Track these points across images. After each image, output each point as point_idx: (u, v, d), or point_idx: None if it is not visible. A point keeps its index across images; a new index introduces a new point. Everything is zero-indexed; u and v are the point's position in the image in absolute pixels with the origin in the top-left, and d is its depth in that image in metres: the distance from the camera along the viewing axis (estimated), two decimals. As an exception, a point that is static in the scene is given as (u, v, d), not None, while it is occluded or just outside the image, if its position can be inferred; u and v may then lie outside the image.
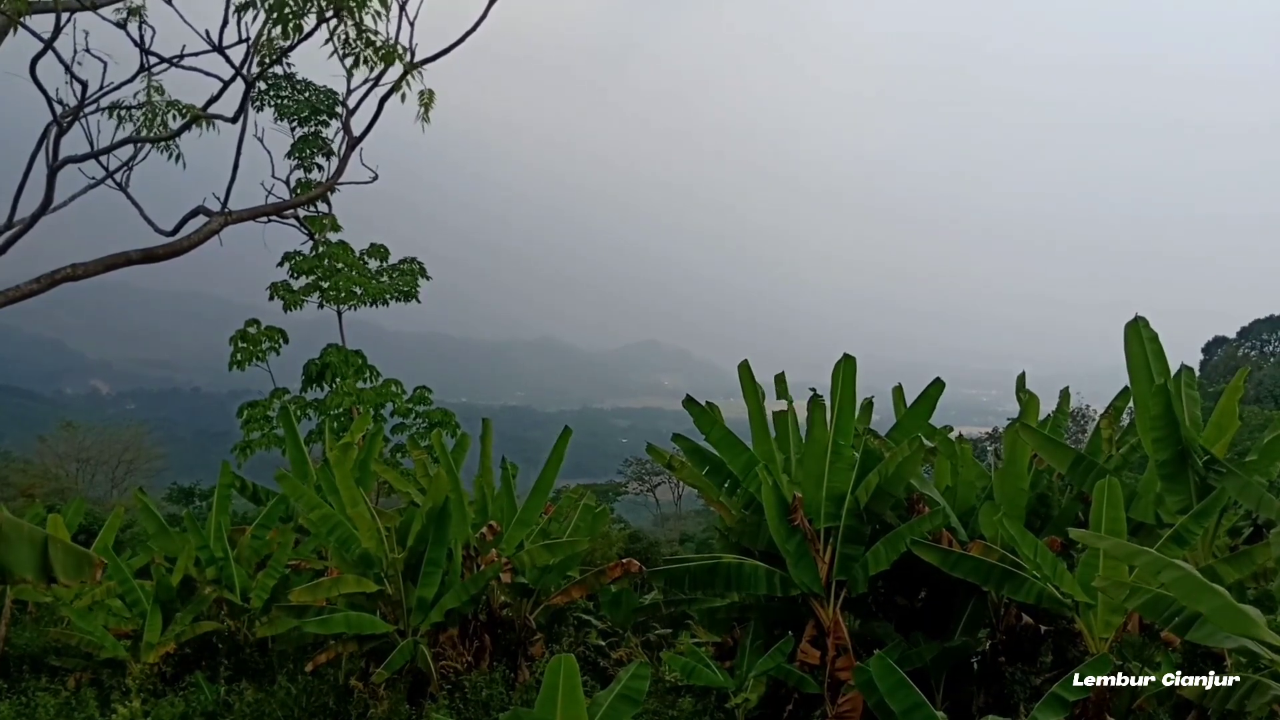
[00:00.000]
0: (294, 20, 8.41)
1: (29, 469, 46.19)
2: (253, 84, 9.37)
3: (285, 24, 8.41)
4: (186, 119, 9.44)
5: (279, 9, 8.30)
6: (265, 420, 22.88)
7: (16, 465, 47.16)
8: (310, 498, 13.46)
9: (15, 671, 14.68)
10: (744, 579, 11.43)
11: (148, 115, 9.40)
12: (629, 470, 66.76)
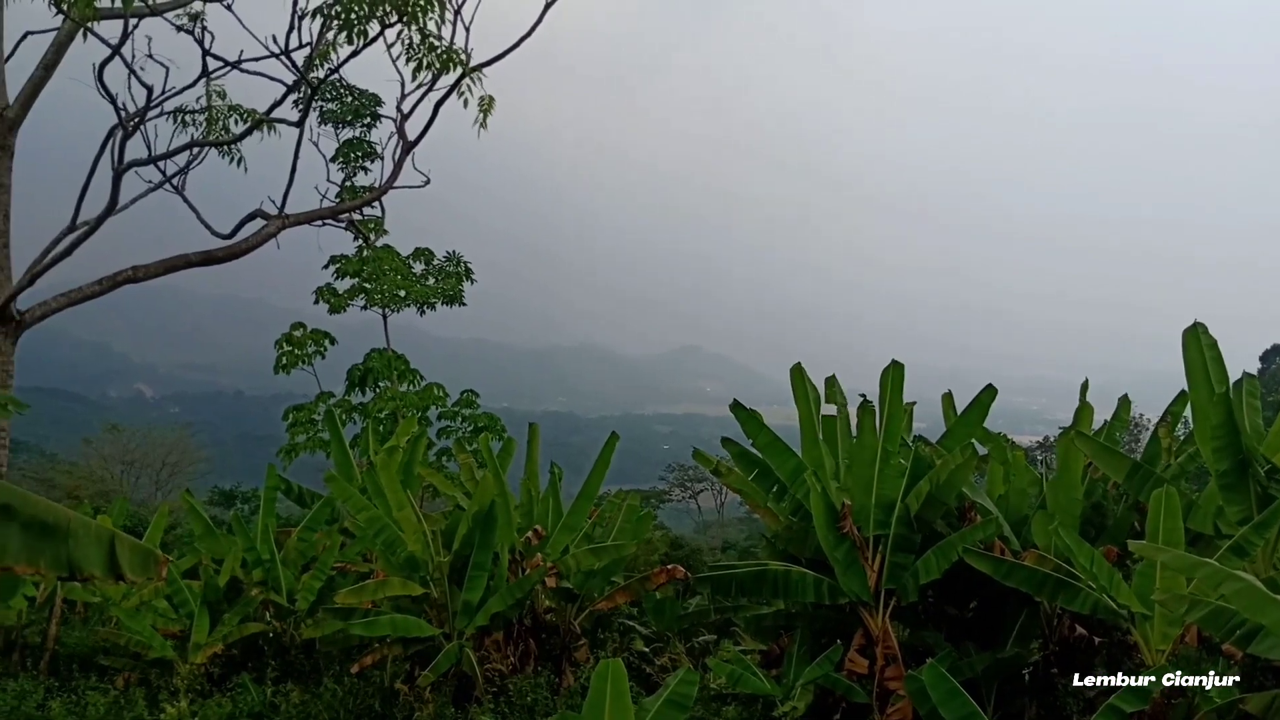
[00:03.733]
0: (359, 26, 8.48)
1: (75, 471, 47.02)
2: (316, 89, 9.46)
3: (350, 30, 8.48)
4: (250, 123, 9.55)
5: (345, 15, 8.37)
6: (310, 424, 23.13)
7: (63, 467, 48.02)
8: (357, 500, 13.55)
9: (65, 670, 14.89)
10: (791, 586, 11.33)
11: (210, 119, 9.54)
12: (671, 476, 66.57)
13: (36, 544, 5.00)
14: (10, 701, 12.14)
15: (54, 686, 13.68)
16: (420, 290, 24.46)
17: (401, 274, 24.47)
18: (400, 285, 24.22)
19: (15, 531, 4.96)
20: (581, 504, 14.67)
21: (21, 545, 4.96)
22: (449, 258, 25.42)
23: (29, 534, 4.99)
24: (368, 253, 24.16)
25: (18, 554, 4.95)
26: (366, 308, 24.60)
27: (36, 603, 16.28)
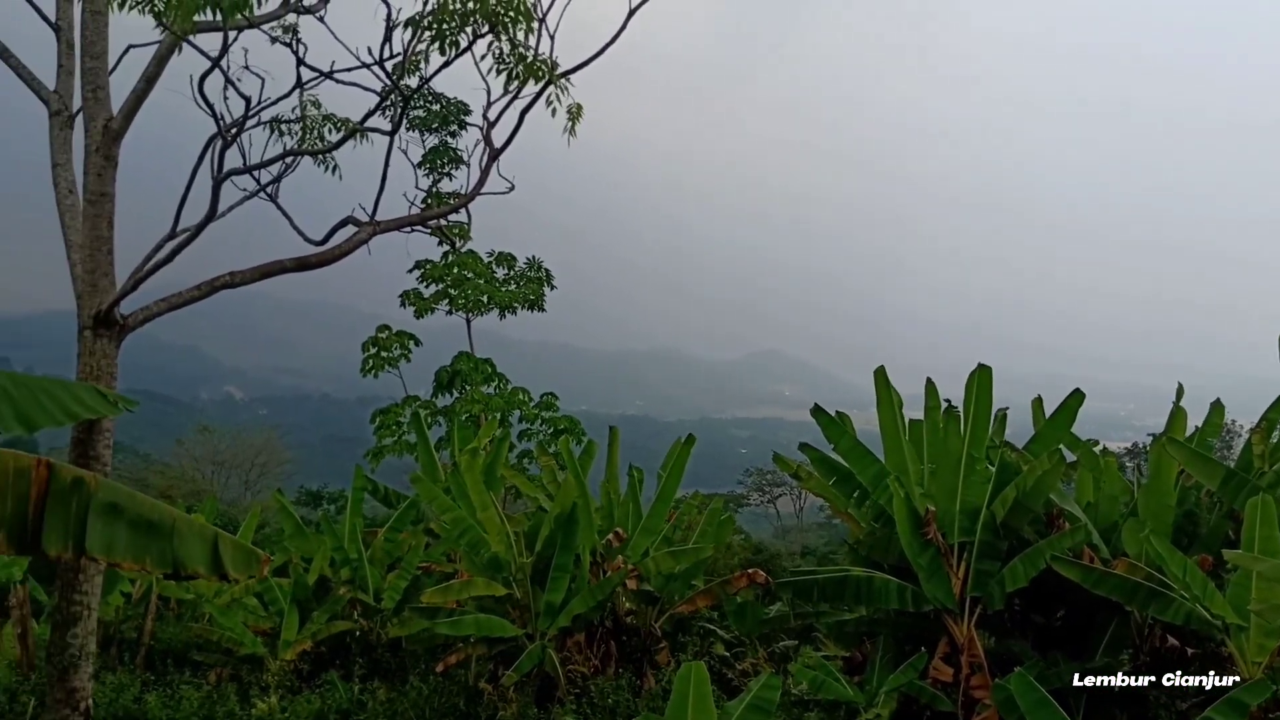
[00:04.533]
0: (450, 37, 8.65)
1: (167, 471, 48.51)
2: (410, 99, 9.66)
3: (443, 40, 8.66)
4: (345, 132, 9.81)
5: (438, 27, 8.55)
6: (396, 426, 23.56)
7: (156, 468, 49.61)
8: (442, 501, 13.78)
9: (160, 665, 15.38)
10: (874, 593, 11.19)
11: (305, 129, 9.81)
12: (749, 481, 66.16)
13: (143, 541, 5.19)
14: (109, 694, 12.58)
15: (150, 680, 14.14)
16: (502, 295, 24.80)
17: (485, 279, 24.85)
18: (483, 290, 24.58)
19: (123, 529, 5.16)
20: (660, 506, 14.69)
21: (129, 542, 5.15)
22: (530, 263, 25.71)
23: (136, 532, 5.19)
24: (452, 258, 24.59)
25: (125, 551, 5.15)
26: (451, 312, 25.02)
27: (133, 599, 16.86)
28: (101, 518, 5.08)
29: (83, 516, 5.04)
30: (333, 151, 9.89)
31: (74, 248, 8.64)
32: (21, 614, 14.68)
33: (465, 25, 8.65)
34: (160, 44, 8.94)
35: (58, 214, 8.86)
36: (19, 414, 5.33)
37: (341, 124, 10.03)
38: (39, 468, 5.02)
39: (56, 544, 4.97)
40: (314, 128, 9.93)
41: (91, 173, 8.69)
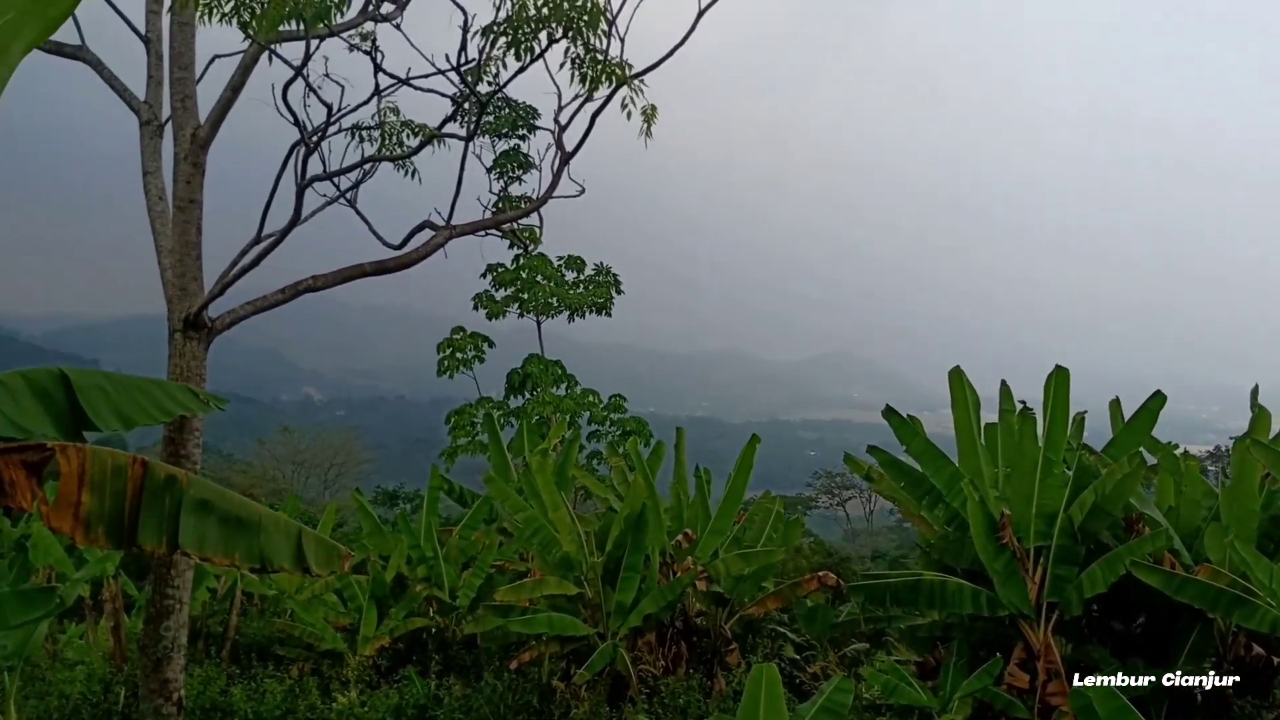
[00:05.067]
0: (526, 43, 8.81)
1: (249, 471, 49.72)
2: (486, 104, 9.84)
3: (518, 47, 8.82)
4: (423, 138, 10.03)
5: (513, 33, 8.71)
6: (470, 427, 23.93)
7: (239, 467, 50.87)
8: (515, 501, 13.97)
9: (245, 659, 15.80)
10: (948, 597, 11.07)
11: (384, 135, 10.05)
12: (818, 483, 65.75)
13: (232, 537, 5.38)
14: (197, 686, 12.95)
15: (234, 674, 14.52)
16: (571, 298, 25.07)
17: (554, 282, 25.17)
18: (552, 293, 24.90)
19: (213, 525, 5.35)
20: (728, 507, 14.70)
21: (219, 538, 5.34)
22: (599, 269, 25.95)
23: (225, 527, 5.38)
24: (522, 261, 24.93)
25: (215, 546, 5.34)
26: (522, 315, 25.37)
27: (218, 594, 17.35)
28: (193, 514, 5.27)
29: (175, 513, 5.23)
30: (411, 157, 10.10)
31: (164, 253, 8.96)
32: (114, 608, 15.22)
33: (540, 30, 8.80)
34: (245, 54, 9.23)
35: (148, 220, 9.21)
36: (118, 412, 5.56)
37: (419, 130, 10.25)
38: (134, 465, 5.22)
39: (151, 539, 5.17)
40: (393, 134, 10.15)
41: (180, 180, 9.01)
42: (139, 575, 18.11)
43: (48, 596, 4.60)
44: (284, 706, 12.72)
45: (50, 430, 5.45)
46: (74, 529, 5.06)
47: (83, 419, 5.54)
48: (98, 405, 5.52)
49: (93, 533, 5.09)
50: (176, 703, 8.41)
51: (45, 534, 15.43)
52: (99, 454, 5.16)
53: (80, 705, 12.60)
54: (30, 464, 4.95)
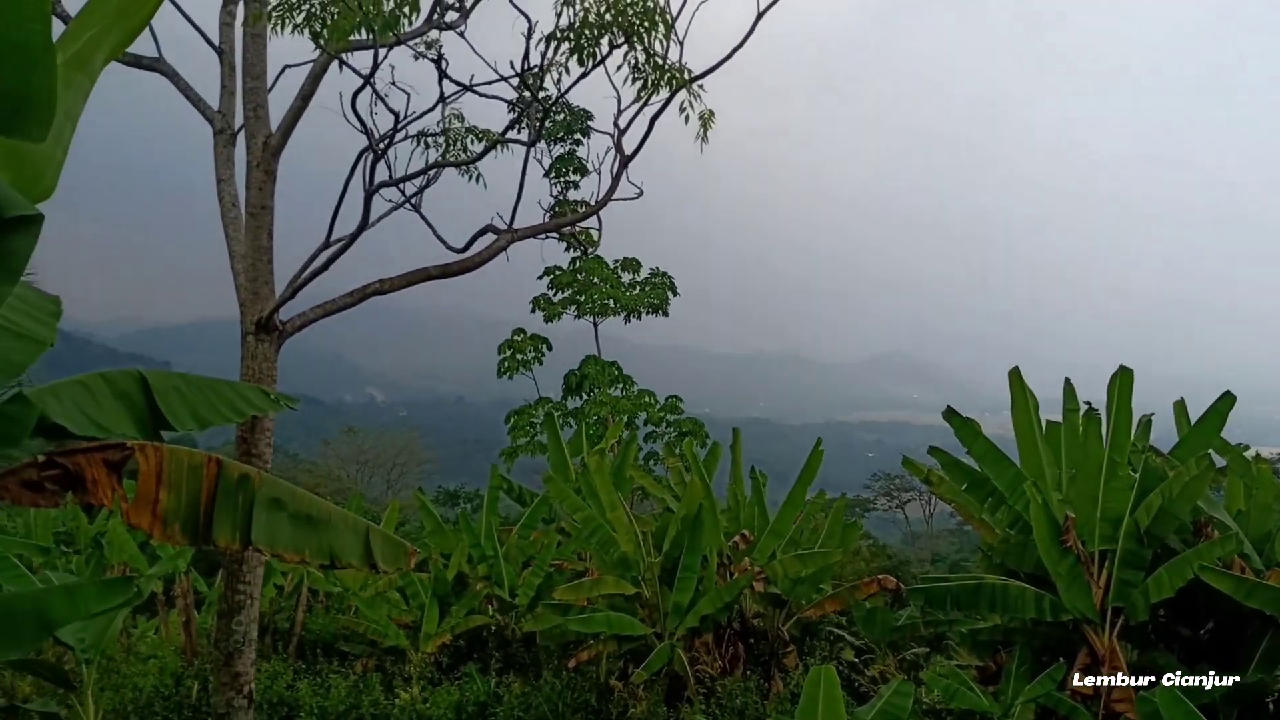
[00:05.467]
0: (588, 49, 8.94)
1: (315, 470, 50.64)
2: (549, 110, 9.98)
3: (581, 53, 8.95)
4: (487, 144, 10.20)
5: (576, 40, 8.84)
6: (529, 427, 24.19)
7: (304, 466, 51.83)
8: (573, 501, 14.09)
9: (310, 654, 16.15)
10: (1010, 601, 10.95)
11: (448, 141, 10.25)
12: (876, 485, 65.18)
13: (303, 534, 5.53)
14: (264, 681, 13.26)
15: (301, 669, 14.84)
16: (627, 299, 25.23)
17: (611, 284, 25.34)
18: (608, 295, 25.07)
19: (285, 522, 5.50)
20: (788, 510, 14.67)
21: (290, 535, 5.49)
22: (654, 272, 26.10)
23: (296, 524, 5.53)
24: (579, 263, 25.16)
25: (287, 542, 5.49)
26: (579, 317, 25.58)
27: (284, 591, 17.73)
28: (265, 511, 5.42)
29: (248, 510, 5.39)
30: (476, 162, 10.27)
31: (237, 258, 9.22)
32: (186, 603, 15.63)
33: (601, 36, 8.91)
34: (315, 63, 9.47)
35: (222, 226, 9.47)
36: (194, 413, 5.74)
37: (482, 135, 10.43)
38: (209, 464, 5.39)
39: (225, 535, 5.33)
40: (457, 139, 10.33)
41: (253, 187, 9.27)
42: (208, 572, 18.58)
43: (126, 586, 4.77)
44: (348, 702, 12.97)
45: (130, 430, 5.63)
46: (152, 525, 5.23)
47: (160, 419, 5.71)
48: (174, 406, 5.70)
49: (169, 529, 5.25)
50: (247, 696, 8.63)
51: (120, 531, 15.92)
52: (176, 453, 5.34)
53: (153, 698, 12.95)
54: (111, 462, 5.13)
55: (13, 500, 4.89)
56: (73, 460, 4.95)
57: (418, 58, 9.49)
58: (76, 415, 5.19)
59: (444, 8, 9.65)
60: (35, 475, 4.89)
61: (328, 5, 8.33)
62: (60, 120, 4.46)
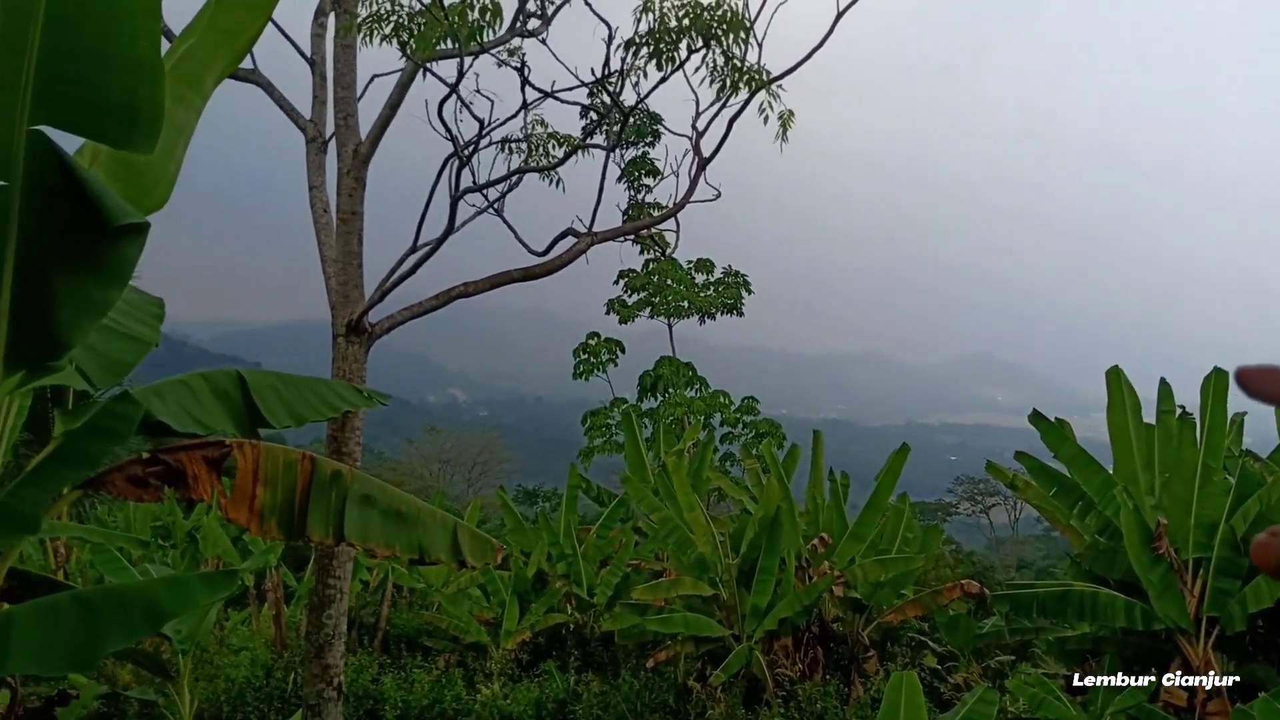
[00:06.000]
0: (668, 53, 9.02)
1: (399, 469, 51.57)
2: (629, 115, 10.09)
3: (660, 57, 9.04)
4: (569, 149, 10.35)
5: (655, 45, 8.93)
6: (605, 428, 24.36)
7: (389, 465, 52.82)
8: (650, 501, 14.16)
9: (395, 649, 16.50)
10: (1099, 609, 10.72)
11: (531, 147, 10.43)
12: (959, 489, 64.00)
13: (393, 529, 5.68)
14: (351, 674, 13.58)
15: (385, 663, 15.18)
16: (701, 300, 25.25)
17: (685, 285, 25.41)
18: (683, 296, 25.14)
19: (376, 517, 5.66)
20: (869, 514, 14.54)
21: (381, 530, 5.65)
22: (727, 272, 26.08)
23: (387, 520, 5.69)
24: (654, 265, 25.26)
25: (378, 537, 5.65)
26: (653, 317, 25.68)
27: (370, 586, 18.15)
28: (357, 507, 5.59)
29: (341, 506, 5.55)
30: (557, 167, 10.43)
31: (328, 262, 9.49)
32: (276, 597, 16.09)
33: (680, 40, 8.97)
34: (402, 73, 9.71)
35: (314, 232, 9.76)
36: (290, 410, 5.94)
37: (563, 140, 10.58)
38: (303, 461, 5.57)
39: (319, 530, 5.50)
40: (539, 145, 10.50)
41: (343, 193, 9.53)
42: (297, 567, 19.10)
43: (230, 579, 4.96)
44: (431, 696, 13.23)
45: (228, 427, 5.83)
46: (249, 520, 5.42)
47: (257, 417, 5.91)
48: (271, 404, 5.90)
49: (266, 524, 5.44)
50: (337, 687, 8.87)
51: (214, 526, 16.46)
52: (272, 450, 5.53)
53: (244, 688, 13.34)
54: (211, 459, 5.34)
55: (119, 494, 5.11)
56: (175, 457, 5.16)
57: (501, 65, 9.65)
58: (179, 413, 5.41)
59: (526, 16, 9.82)
60: (140, 471, 5.11)
61: (415, 16, 8.55)
62: (172, 135, 4.67)
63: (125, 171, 4.76)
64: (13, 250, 4.11)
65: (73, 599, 4.00)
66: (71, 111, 4.02)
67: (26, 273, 4.19)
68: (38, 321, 4.33)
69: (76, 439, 4.41)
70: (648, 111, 23.39)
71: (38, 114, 3.92)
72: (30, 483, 4.16)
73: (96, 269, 4.38)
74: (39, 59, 3.82)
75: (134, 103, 4.03)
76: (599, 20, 9.60)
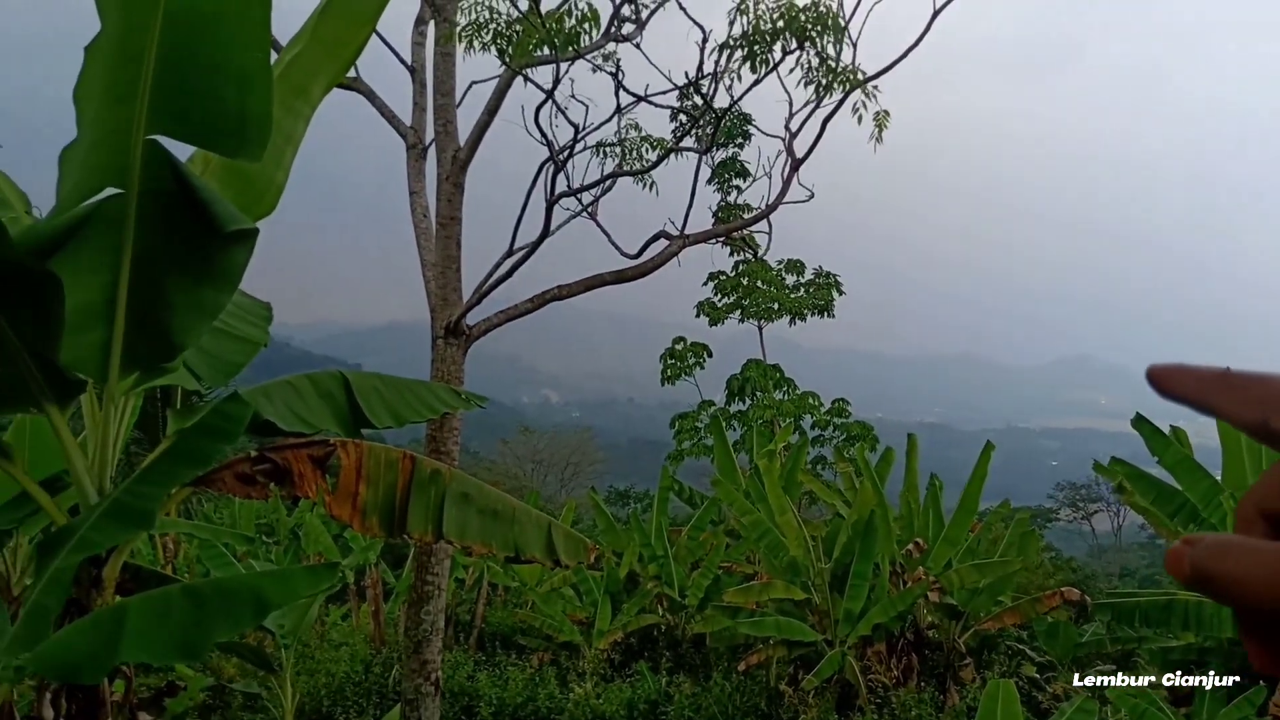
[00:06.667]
0: (761, 55, 9.03)
1: (494, 469, 52.29)
2: (722, 117, 10.12)
3: (754, 60, 9.05)
4: (662, 152, 10.42)
5: (749, 47, 8.95)
6: (694, 430, 24.39)
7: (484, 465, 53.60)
8: (742, 504, 14.12)
9: (490, 646, 16.75)
10: (1204, 619, 10.39)
11: (624, 150, 10.52)
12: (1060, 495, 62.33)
13: (490, 527, 5.79)
14: (447, 671, 13.80)
15: (481, 660, 15.41)
16: (791, 302, 25.09)
17: (775, 287, 25.28)
18: (773, 298, 25.01)
19: (473, 515, 5.78)
20: (962, 517, 14.28)
21: (478, 527, 5.76)
22: (818, 273, 25.86)
23: (484, 518, 5.80)
24: (744, 268, 25.21)
25: (475, 535, 5.76)
26: (743, 320, 25.62)
27: (466, 584, 18.47)
28: (455, 505, 5.70)
29: (439, 504, 5.67)
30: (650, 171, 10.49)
31: (428, 266, 9.72)
32: (375, 594, 16.48)
33: (774, 42, 8.96)
34: (500, 79, 9.88)
35: (414, 237, 10.01)
36: (391, 410, 6.10)
37: (656, 144, 10.65)
38: (404, 460, 5.71)
39: (419, 527, 5.63)
40: (632, 149, 10.59)
41: (443, 199, 9.74)
42: (396, 564, 19.52)
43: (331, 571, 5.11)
44: (525, 694, 13.38)
45: (332, 427, 6.01)
46: (352, 517, 5.58)
47: (360, 417, 6.08)
48: (373, 404, 6.06)
49: (368, 521, 5.59)
50: (434, 683, 9.05)
51: (316, 523, 16.94)
52: (374, 449, 5.68)
53: (344, 683, 13.66)
54: (315, 458, 5.50)
55: (228, 491, 5.30)
56: (281, 455, 5.33)
57: (596, 70, 9.75)
58: (285, 413, 5.59)
59: (621, 21, 9.91)
60: (248, 469, 5.30)
61: (513, 24, 8.71)
62: (280, 143, 4.84)
63: (235, 179, 4.95)
64: (129, 256, 4.30)
65: (182, 590, 4.17)
66: (185, 121, 4.19)
67: (142, 277, 4.38)
68: (153, 324, 4.53)
69: (189, 437, 4.60)
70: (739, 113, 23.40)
71: (153, 124, 4.09)
72: (145, 479, 4.34)
73: (208, 273, 4.56)
74: (155, 70, 4.00)
75: (244, 112, 4.19)
76: (693, 24, 9.65)
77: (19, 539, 6.48)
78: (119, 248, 4.32)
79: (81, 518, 4.23)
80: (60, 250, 4.22)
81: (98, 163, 4.16)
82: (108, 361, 4.57)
